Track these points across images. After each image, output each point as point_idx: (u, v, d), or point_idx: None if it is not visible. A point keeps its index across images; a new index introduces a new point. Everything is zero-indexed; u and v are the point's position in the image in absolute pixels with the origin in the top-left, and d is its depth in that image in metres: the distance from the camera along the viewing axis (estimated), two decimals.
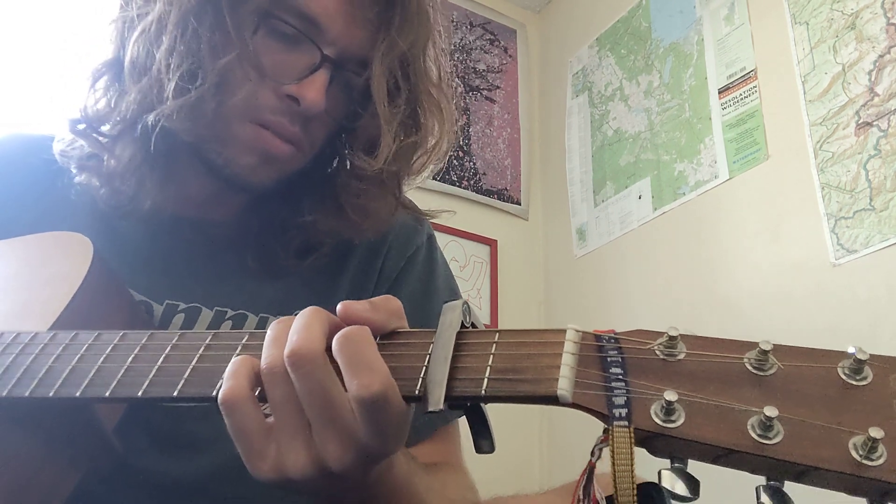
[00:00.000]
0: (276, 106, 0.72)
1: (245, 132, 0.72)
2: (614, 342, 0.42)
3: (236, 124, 0.72)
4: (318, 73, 0.71)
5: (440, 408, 0.44)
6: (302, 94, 0.71)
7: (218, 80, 0.69)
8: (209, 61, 0.68)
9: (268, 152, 0.73)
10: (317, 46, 0.71)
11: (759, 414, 0.35)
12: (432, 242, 0.92)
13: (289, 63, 0.72)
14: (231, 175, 0.74)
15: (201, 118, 0.69)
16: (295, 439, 0.47)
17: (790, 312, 1.77)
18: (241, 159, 0.73)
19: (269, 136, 0.72)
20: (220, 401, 0.47)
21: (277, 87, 0.71)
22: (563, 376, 0.41)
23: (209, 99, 0.69)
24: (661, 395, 0.37)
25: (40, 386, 0.54)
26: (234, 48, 0.69)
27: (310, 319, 0.47)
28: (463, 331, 0.47)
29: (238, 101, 0.71)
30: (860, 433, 0.33)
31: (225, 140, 0.72)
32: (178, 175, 0.77)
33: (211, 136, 0.72)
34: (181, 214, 0.80)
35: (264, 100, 0.71)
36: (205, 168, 0.76)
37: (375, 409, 0.44)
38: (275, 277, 0.80)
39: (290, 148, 0.74)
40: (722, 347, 0.39)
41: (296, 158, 0.76)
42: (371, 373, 0.44)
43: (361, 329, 0.47)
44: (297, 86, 0.71)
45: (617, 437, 0.37)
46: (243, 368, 0.48)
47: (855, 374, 0.35)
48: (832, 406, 0.35)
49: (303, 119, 0.73)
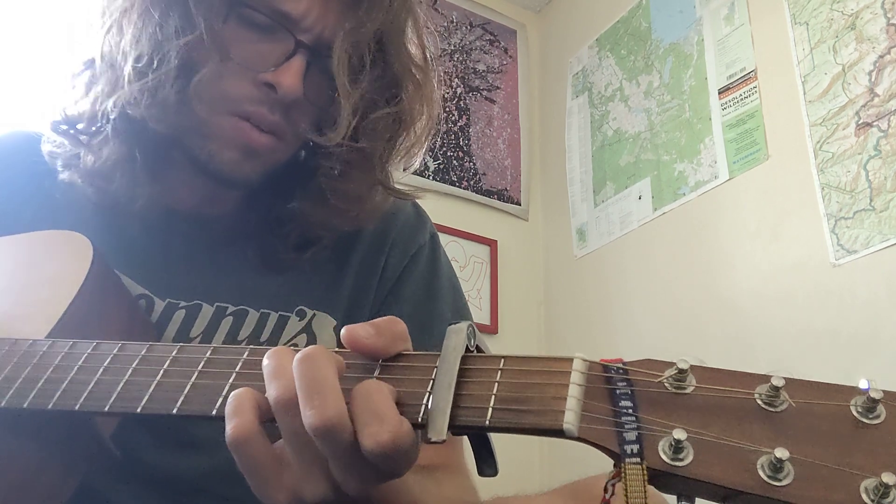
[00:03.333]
0: (253, 95, 0.71)
1: (224, 125, 0.72)
2: (622, 373, 0.41)
3: (215, 116, 0.71)
4: (293, 60, 0.71)
5: (443, 438, 0.43)
6: (278, 81, 0.70)
7: (179, 64, 0.68)
8: (170, 46, 0.68)
9: (248, 146, 0.72)
10: (291, 33, 0.71)
11: (770, 454, 0.34)
12: (435, 241, 0.91)
13: (264, 52, 0.72)
14: (216, 171, 0.74)
15: (168, 105, 0.69)
16: (313, 468, 0.46)
17: (790, 313, 1.77)
18: (224, 154, 0.72)
19: (249, 129, 0.72)
20: (230, 440, 0.46)
21: (254, 75, 0.71)
22: (570, 409, 0.40)
23: (169, 83, 0.68)
24: (669, 432, 0.36)
25: (39, 397, 0.54)
26: (209, 45, 0.68)
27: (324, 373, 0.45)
28: (467, 355, 0.47)
29: (216, 95, 0.70)
30: (872, 477, 0.33)
31: (205, 134, 0.72)
32: (168, 173, 0.77)
33: (191, 130, 0.72)
34: (178, 210, 0.79)
35: (241, 90, 0.71)
36: (192, 165, 0.75)
37: (386, 456, 0.43)
38: (275, 272, 0.80)
39: (270, 139, 0.73)
40: (732, 381, 0.38)
41: (279, 149, 0.75)
42: (381, 423, 0.43)
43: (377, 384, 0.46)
44: (273, 73, 0.71)
45: (630, 474, 0.36)
46: (247, 403, 0.46)
47: (868, 413, 0.35)
48: (844, 446, 0.34)
49: (282, 107, 0.73)
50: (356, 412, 0.44)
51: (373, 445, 0.43)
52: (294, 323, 0.78)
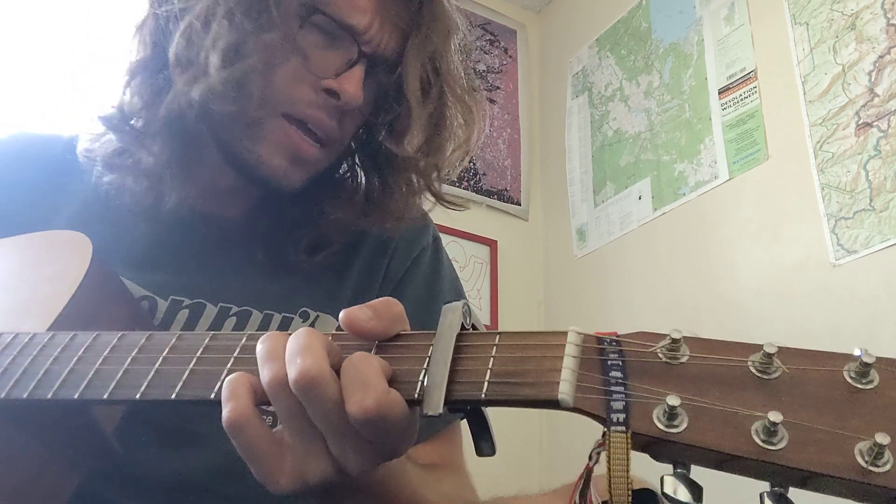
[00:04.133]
0: (313, 100, 0.73)
1: (275, 128, 0.73)
2: (616, 345, 0.41)
3: (269, 119, 0.73)
4: (355, 68, 0.73)
5: (439, 412, 0.43)
6: (342, 88, 0.72)
7: (263, 60, 0.70)
8: (254, 44, 0.70)
9: (297, 155, 0.74)
10: (355, 41, 0.73)
11: (764, 419, 0.34)
12: (438, 244, 0.92)
13: (327, 58, 0.73)
14: (263, 176, 0.75)
15: (247, 96, 0.70)
16: (311, 447, 0.46)
17: (790, 313, 1.77)
18: (273, 160, 0.74)
19: (299, 137, 0.74)
20: (226, 424, 0.46)
21: (316, 81, 0.73)
22: (565, 380, 0.40)
23: (254, 75, 0.70)
24: (663, 399, 0.36)
25: (38, 387, 0.54)
26: (279, 34, 0.70)
27: (309, 340, 0.47)
28: (463, 333, 0.47)
29: (277, 91, 0.72)
30: (866, 439, 0.33)
31: (256, 136, 0.73)
32: (203, 172, 0.78)
33: (242, 132, 0.73)
34: (193, 209, 0.80)
35: (302, 93, 0.73)
36: (228, 164, 0.77)
37: (373, 424, 0.44)
38: (281, 274, 0.80)
39: (318, 150, 0.75)
40: (726, 350, 0.39)
41: (324, 159, 0.77)
42: (365, 389, 0.44)
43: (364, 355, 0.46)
44: (336, 80, 0.73)
45: (614, 442, 0.36)
46: (242, 387, 0.47)
47: (861, 378, 0.35)
48: (838, 410, 0.34)
49: (339, 114, 0.75)
50: (344, 383, 0.45)
51: (357, 412, 0.43)
52: (297, 324, 0.79)
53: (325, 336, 0.48)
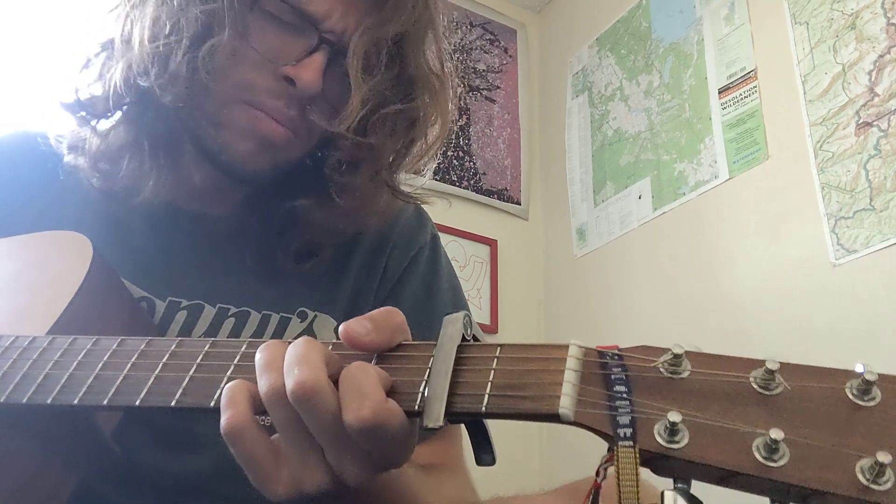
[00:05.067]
0: (272, 88, 0.71)
1: (240, 114, 0.72)
2: (618, 359, 0.41)
3: (231, 106, 0.71)
4: (315, 55, 0.71)
5: (440, 424, 0.43)
6: (298, 75, 0.70)
7: (193, 34, 0.68)
8: (200, 31, 0.68)
9: (264, 136, 0.72)
10: (315, 29, 0.71)
11: (765, 436, 0.34)
12: (436, 242, 0.92)
13: (286, 46, 0.72)
14: (228, 162, 0.73)
15: (178, 77, 0.69)
16: (309, 457, 0.46)
17: (790, 312, 1.77)
18: (238, 144, 0.72)
19: (265, 118, 0.72)
20: (224, 431, 0.46)
21: (275, 68, 0.71)
22: (566, 394, 0.40)
23: (181, 51, 0.68)
24: (664, 415, 0.36)
25: (38, 392, 0.54)
26: (226, 20, 0.69)
27: (307, 350, 0.46)
28: (464, 344, 0.47)
29: (233, 81, 0.70)
30: (868, 456, 0.33)
31: (219, 123, 0.72)
32: (176, 163, 0.77)
33: (204, 118, 0.72)
34: (181, 208, 0.79)
35: (260, 81, 0.71)
36: (202, 156, 0.75)
37: (369, 434, 0.44)
38: (278, 274, 0.80)
39: (286, 131, 0.73)
40: (727, 365, 0.38)
41: (293, 144, 0.75)
42: (361, 398, 0.44)
43: (362, 365, 0.46)
44: (294, 67, 0.71)
45: (622, 457, 0.36)
46: (240, 394, 0.47)
47: (863, 395, 0.35)
48: (839, 427, 0.34)
49: (299, 103, 0.73)
50: (341, 393, 0.45)
51: (354, 421, 0.43)
52: (296, 324, 0.78)
53: (323, 345, 0.48)
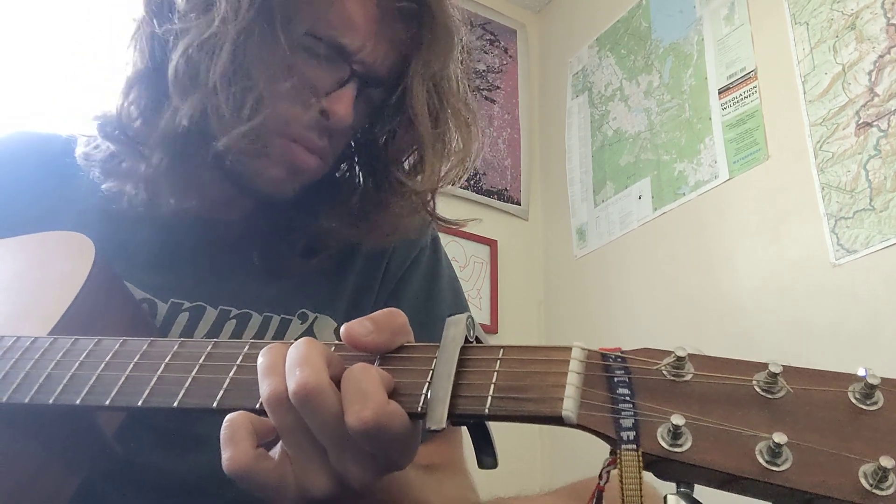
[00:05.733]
0: (303, 119, 0.73)
1: (275, 145, 0.73)
2: (621, 361, 0.41)
3: (267, 138, 0.72)
4: (346, 88, 0.73)
5: (443, 426, 0.43)
6: (333, 110, 0.72)
7: (265, 84, 0.69)
8: (256, 69, 0.69)
9: (297, 166, 0.74)
10: (347, 63, 0.73)
11: (768, 440, 0.34)
12: (437, 244, 0.92)
13: (319, 77, 0.73)
14: (258, 188, 0.76)
15: (244, 121, 0.70)
16: (311, 463, 0.46)
17: (790, 312, 1.77)
18: (271, 172, 0.74)
19: (300, 150, 0.74)
20: (228, 472, 0.46)
21: (307, 100, 0.73)
22: (569, 396, 0.40)
23: (254, 101, 0.69)
24: (668, 418, 0.36)
25: (40, 392, 0.54)
26: (287, 69, 0.70)
27: (308, 351, 0.46)
28: (466, 346, 0.47)
29: (270, 115, 0.71)
30: (870, 461, 0.33)
31: (255, 152, 0.73)
32: (201, 182, 0.78)
33: (240, 150, 0.72)
34: (190, 212, 0.80)
35: (296, 115, 0.73)
36: (227, 179, 0.77)
37: (372, 435, 0.44)
38: (279, 276, 0.80)
39: (317, 160, 0.76)
40: (730, 368, 0.38)
41: (320, 170, 0.77)
42: (363, 400, 0.43)
43: (365, 366, 0.46)
44: (327, 100, 0.73)
45: (625, 460, 0.36)
46: (242, 430, 0.47)
47: (866, 399, 0.35)
48: (842, 432, 0.34)
49: (329, 132, 0.75)
50: (343, 394, 0.45)
51: (356, 423, 0.43)
52: (296, 326, 0.78)
53: (325, 346, 0.48)
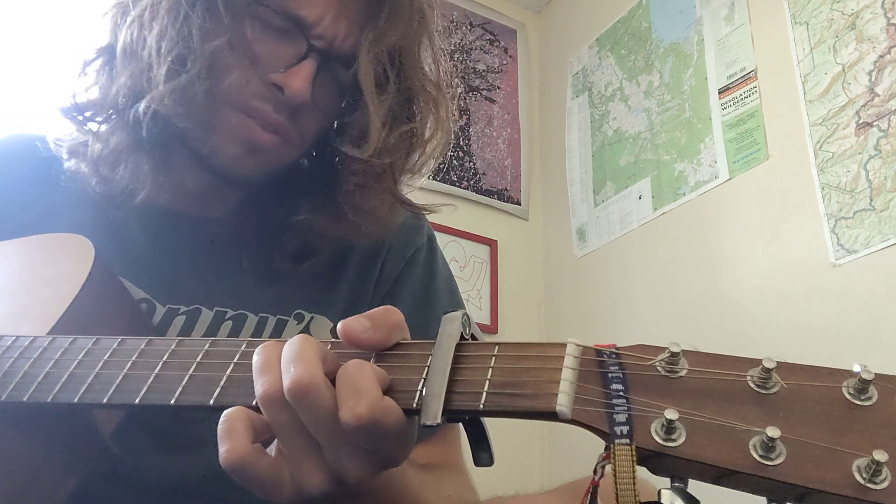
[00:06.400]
0: (261, 93, 0.72)
1: (229, 120, 0.72)
2: (615, 357, 0.41)
3: (221, 111, 0.72)
4: (304, 63, 0.72)
5: (438, 422, 0.43)
6: (287, 83, 0.71)
7: (209, 65, 0.69)
8: (200, 46, 0.69)
9: (252, 141, 0.73)
10: (304, 36, 0.72)
11: (762, 434, 0.34)
12: (433, 243, 0.91)
13: (276, 52, 0.72)
14: (217, 165, 0.74)
15: (192, 103, 0.69)
16: (306, 460, 0.46)
17: (790, 312, 1.77)
18: (227, 149, 0.73)
19: (253, 125, 0.72)
20: (224, 465, 0.46)
21: (264, 74, 0.72)
22: (563, 392, 0.40)
23: (199, 83, 0.69)
24: (661, 413, 0.36)
25: (38, 391, 0.54)
26: (226, 33, 0.69)
27: (303, 348, 0.46)
28: (462, 343, 0.47)
29: (226, 88, 0.71)
30: (864, 455, 0.33)
31: (210, 128, 0.72)
32: (171, 166, 0.77)
33: (196, 123, 0.72)
34: (178, 210, 0.80)
35: (249, 87, 0.72)
36: (193, 159, 0.76)
37: (366, 431, 0.44)
38: (274, 276, 0.80)
39: (273, 138, 0.74)
40: (724, 364, 0.39)
41: (283, 150, 0.76)
42: (358, 396, 0.44)
43: (359, 363, 0.46)
44: (283, 74, 0.71)
45: (619, 454, 0.36)
46: (239, 423, 0.46)
47: (860, 394, 0.35)
48: (836, 427, 0.34)
49: (288, 109, 0.73)
50: (338, 390, 0.45)
51: (350, 418, 0.43)
52: (292, 326, 0.78)
53: (320, 343, 0.48)
